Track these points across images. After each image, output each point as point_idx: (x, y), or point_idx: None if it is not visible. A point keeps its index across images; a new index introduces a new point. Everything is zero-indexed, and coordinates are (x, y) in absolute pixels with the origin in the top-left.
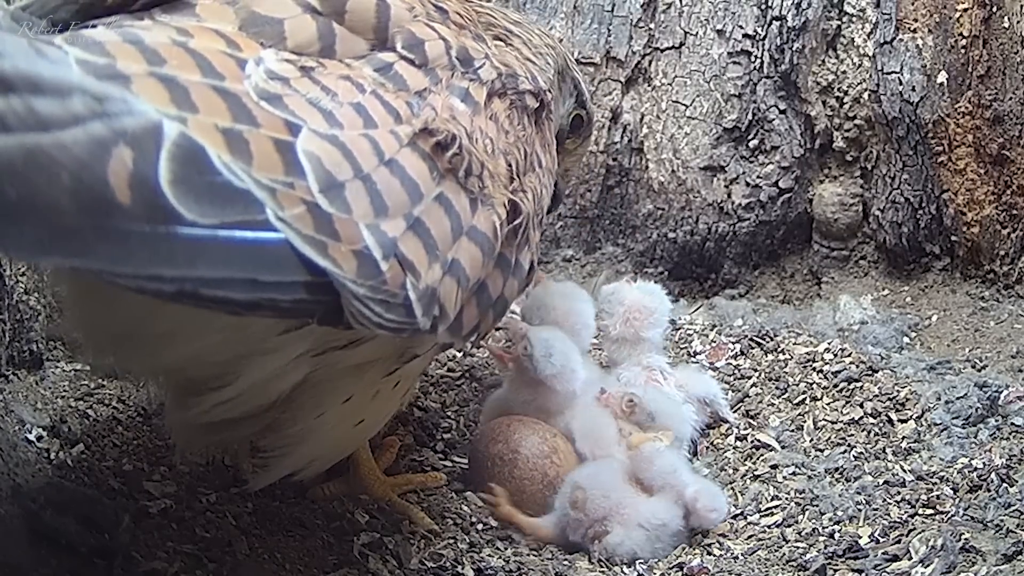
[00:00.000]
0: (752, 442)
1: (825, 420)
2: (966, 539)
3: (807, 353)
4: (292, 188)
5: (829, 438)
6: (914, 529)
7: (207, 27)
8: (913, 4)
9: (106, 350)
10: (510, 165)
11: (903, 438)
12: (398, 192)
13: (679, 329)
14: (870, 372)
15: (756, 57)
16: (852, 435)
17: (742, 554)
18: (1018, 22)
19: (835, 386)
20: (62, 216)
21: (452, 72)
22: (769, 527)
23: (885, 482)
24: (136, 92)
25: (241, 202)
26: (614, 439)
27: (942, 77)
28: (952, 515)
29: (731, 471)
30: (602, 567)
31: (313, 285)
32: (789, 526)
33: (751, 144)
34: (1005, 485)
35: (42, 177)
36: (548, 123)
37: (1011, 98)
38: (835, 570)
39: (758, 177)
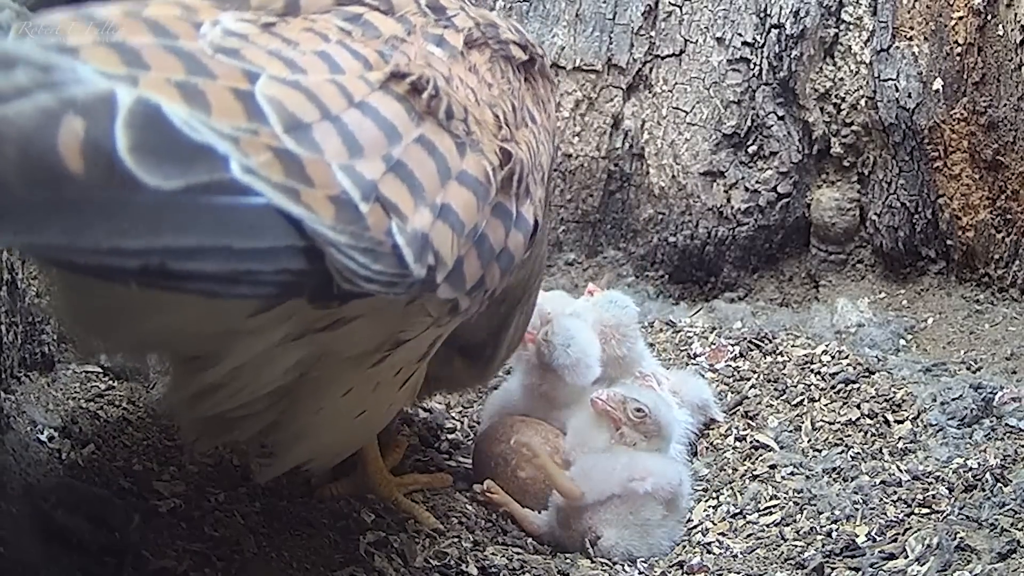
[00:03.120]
0: (751, 442)
1: (823, 421)
2: (961, 538)
3: (805, 355)
4: (256, 134)
5: (827, 438)
6: (910, 528)
7: (169, 1)
8: (909, 12)
9: (90, 328)
10: (497, 116)
11: (899, 438)
12: (373, 133)
13: (679, 332)
14: (867, 374)
15: (755, 64)
16: (849, 435)
17: (741, 552)
18: (1012, 30)
19: (833, 387)
20: (9, 191)
21: (424, 19)
22: (768, 526)
23: (882, 482)
24: (85, 59)
25: (205, 158)
26: (602, 447)
27: (938, 84)
28: (948, 514)
29: (730, 471)
30: (603, 566)
31: (293, 250)
32: (787, 525)
33: (750, 150)
34: (1000, 485)
35: None
36: (542, 81)
37: (1005, 104)
38: (833, 568)
39: (757, 182)
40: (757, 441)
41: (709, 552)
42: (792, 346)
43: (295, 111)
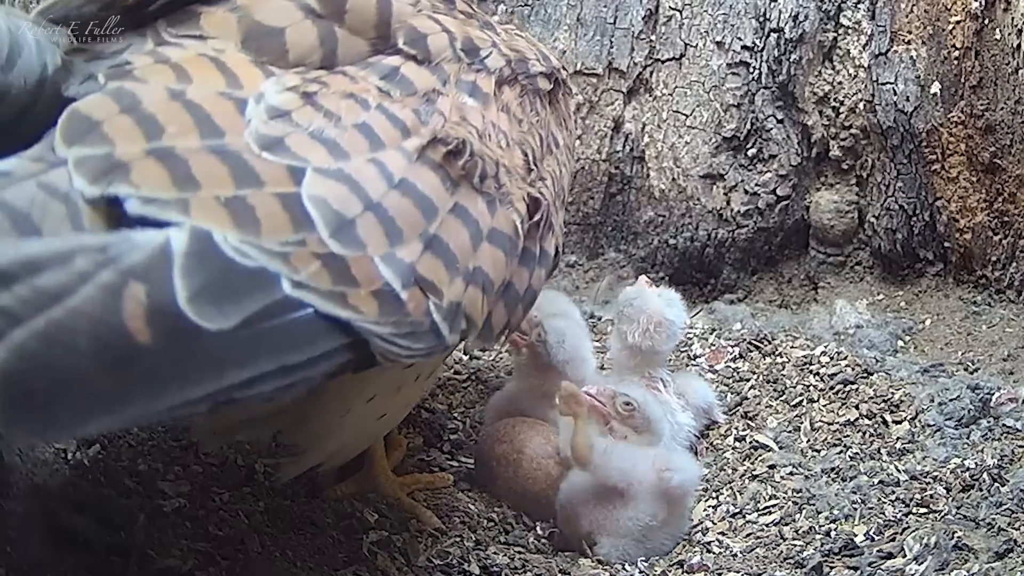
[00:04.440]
0: (750, 443)
1: (821, 421)
2: (959, 537)
3: (804, 356)
4: (304, 245)
5: (825, 439)
6: (908, 527)
7: (207, 55)
8: (907, 17)
9: None
10: (526, 155)
11: (897, 439)
12: (411, 213)
13: (682, 330)
14: (865, 375)
15: (754, 68)
16: (848, 436)
17: (741, 552)
18: (1009, 34)
19: (831, 388)
20: (91, 384)
21: (459, 65)
22: (767, 526)
23: (880, 482)
24: (136, 181)
25: (258, 283)
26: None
27: (935, 88)
28: (945, 514)
29: (730, 471)
30: (604, 565)
31: (341, 348)
32: (787, 524)
33: (750, 153)
34: (997, 485)
35: (62, 354)
36: (565, 100)
37: (1003, 108)
38: (831, 567)
39: (756, 185)
40: (756, 441)
41: (709, 551)
42: (791, 347)
43: (339, 208)
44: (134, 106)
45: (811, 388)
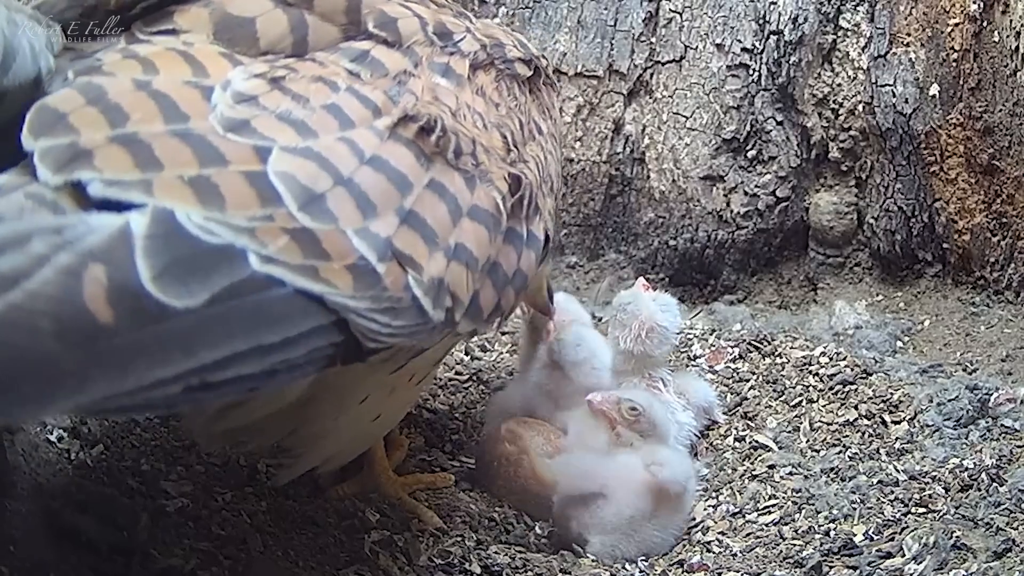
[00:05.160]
0: (750, 443)
1: (821, 422)
2: (957, 537)
3: (803, 357)
4: (271, 220)
5: (825, 439)
6: (907, 527)
7: (176, 49)
8: (906, 19)
9: None
10: (505, 137)
11: (896, 439)
12: (384, 188)
13: (680, 333)
14: (864, 375)
15: (754, 70)
16: (847, 436)
17: (740, 551)
18: (1007, 36)
19: (830, 389)
20: (55, 363)
21: (431, 48)
22: (767, 525)
23: (879, 481)
24: (99, 166)
25: (224, 260)
26: (603, 447)
27: (934, 89)
28: (944, 513)
29: (730, 471)
30: (604, 565)
31: (320, 329)
32: (786, 524)
33: (749, 154)
34: (995, 484)
35: (23, 335)
36: (547, 89)
37: (1001, 110)
38: (831, 567)
39: (756, 186)
40: (756, 441)
41: (709, 551)
42: (791, 348)
43: (308, 183)
44: (100, 97)
45: (810, 388)
